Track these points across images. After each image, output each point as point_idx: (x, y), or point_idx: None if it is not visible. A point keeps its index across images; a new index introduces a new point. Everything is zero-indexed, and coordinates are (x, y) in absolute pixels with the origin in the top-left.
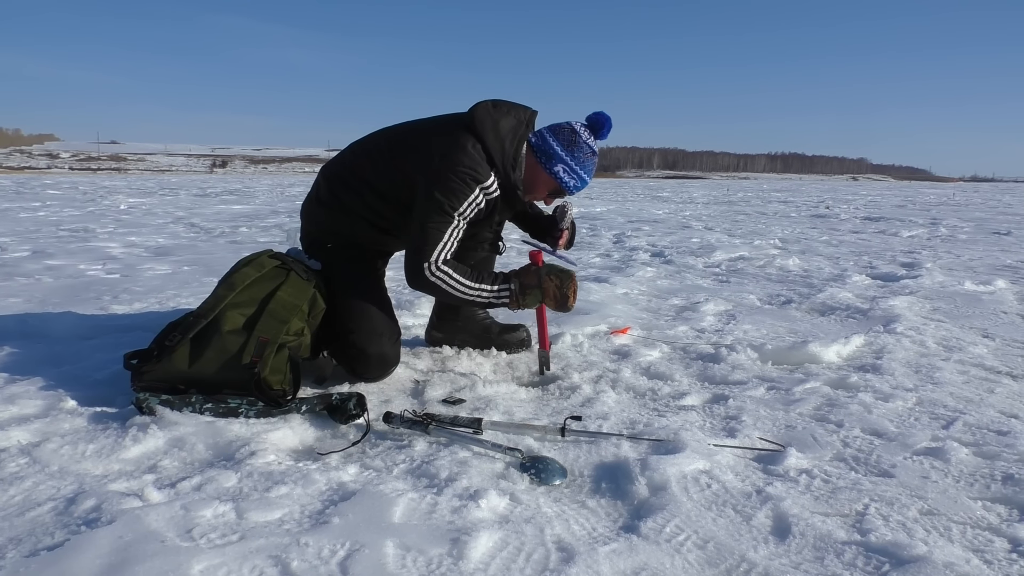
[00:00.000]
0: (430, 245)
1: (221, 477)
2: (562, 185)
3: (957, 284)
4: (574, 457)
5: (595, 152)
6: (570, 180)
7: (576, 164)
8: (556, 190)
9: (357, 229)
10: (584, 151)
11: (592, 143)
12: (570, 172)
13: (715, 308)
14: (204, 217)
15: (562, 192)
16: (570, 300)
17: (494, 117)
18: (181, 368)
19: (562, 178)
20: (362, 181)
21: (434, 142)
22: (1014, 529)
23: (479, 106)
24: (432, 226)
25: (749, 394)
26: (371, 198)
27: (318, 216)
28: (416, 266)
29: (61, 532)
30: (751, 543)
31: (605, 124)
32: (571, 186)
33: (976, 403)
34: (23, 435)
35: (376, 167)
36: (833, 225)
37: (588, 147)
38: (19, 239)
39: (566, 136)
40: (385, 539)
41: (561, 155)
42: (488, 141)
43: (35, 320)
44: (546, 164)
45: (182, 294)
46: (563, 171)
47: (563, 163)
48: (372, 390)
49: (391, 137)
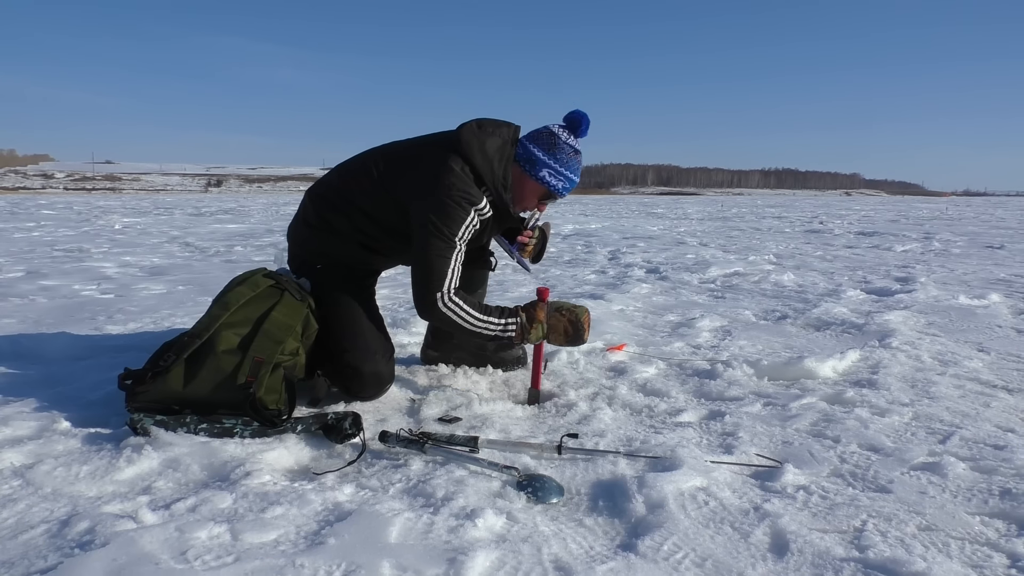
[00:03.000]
0: (437, 276)
1: (216, 498)
2: (550, 189)
3: (951, 298)
4: (571, 475)
5: (577, 150)
6: (558, 182)
7: (561, 166)
8: (545, 194)
9: (346, 249)
10: (566, 151)
11: (573, 142)
12: (556, 174)
13: (711, 324)
14: (199, 236)
15: (552, 195)
16: (584, 332)
17: (480, 138)
18: (176, 388)
19: (549, 182)
20: (349, 202)
21: (423, 165)
22: (1012, 544)
23: (464, 128)
24: (435, 255)
25: (745, 410)
26: (359, 218)
27: (306, 238)
28: (428, 298)
29: (54, 555)
30: (749, 560)
31: (582, 121)
32: (559, 188)
33: (972, 417)
34: (16, 457)
35: (363, 188)
36: (827, 240)
37: (569, 147)
38: (13, 259)
39: (545, 140)
40: (381, 559)
41: (544, 160)
42: (476, 163)
43: (29, 341)
44: (531, 172)
45: (177, 314)
46: (549, 175)
47: (547, 167)
48: (368, 409)
49: (378, 158)
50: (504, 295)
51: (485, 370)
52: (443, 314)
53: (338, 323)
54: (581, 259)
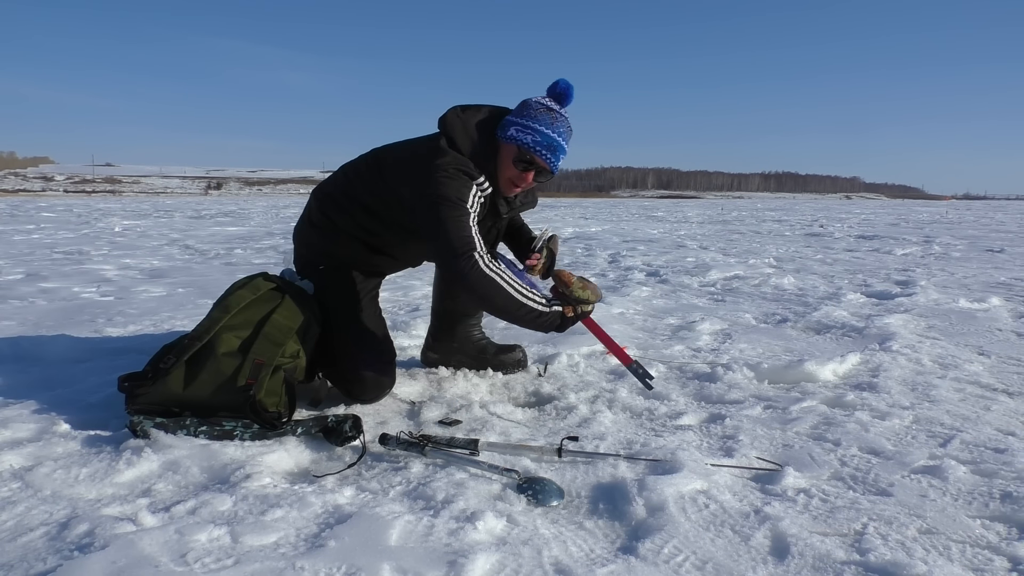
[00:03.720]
0: (465, 241)
1: (216, 500)
2: (521, 144)
3: (952, 302)
4: (571, 478)
5: (551, 109)
6: (526, 136)
7: (529, 120)
8: (520, 157)
9: (350, 249)
10: (535, 108)
11: (547, 102)
12: (523, 128)
13: (711, 327)
14: (199, 239)
15: (528, 156)
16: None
17: (463, 119)
18: (176, 391)
19: (517, 137)
20: (353, 200)
21: (416, 155)
22: (1014, 547)
23: (448, 112)
24: (453, 223)
25: (746, 413)
26: (362, 216)
27: (310, 238)
28: (464, 263)
29: (54, 557)
30: (750, 563)
31: (565, 89)
32: (529, 142)
33: (973, 421)
34: (15, 459)
35: (366, 185)
36: (827, 244)
37: (540, 105)
38: (13, 262)
39: (519, 106)
40: (382, 562)
41: (510, 119)
42: (459, 141)
43: (29, 343)
44: (502, 135)
45: (177, 316)
46: (516, 131)
47: (514, 125)
48: (368, 411)
49: (379, 155)
50: None
51: (485, 373)
52: (488, 277)
53: (339, 326)
54: (581, 262)
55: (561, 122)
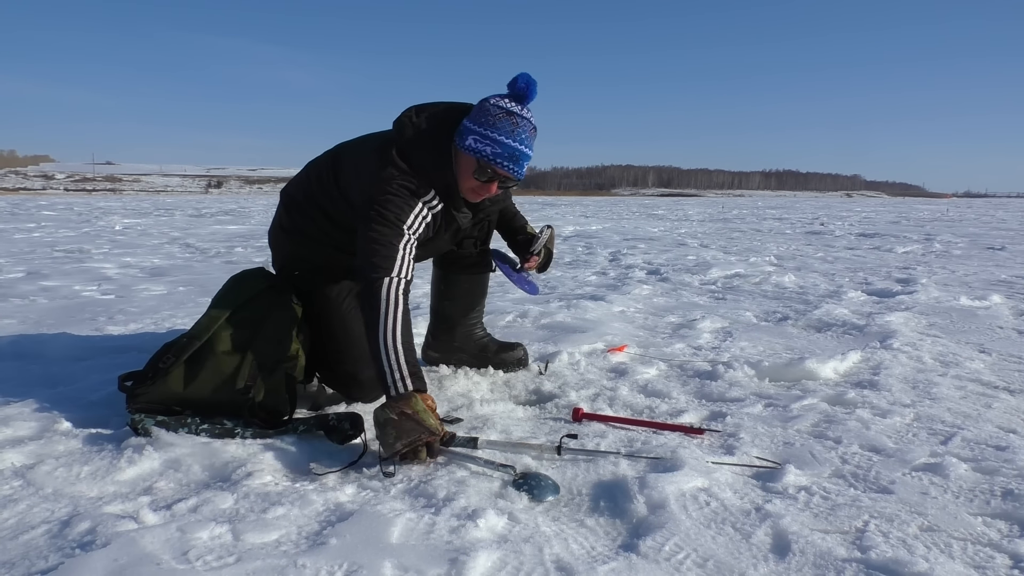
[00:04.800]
0: (385, 259)
1: (217, 498)
2: (480, 157)
3: (953, 299)
4: (572, 476)
5: (511, 113)
6: (484, 146)
7: (488, 128)
8: (481, 168)
9: (322, 253)
10: (493, 113)
11: (506, 104)
12: (481, 139)
13: (711, 325)
14: (199, 237)
15: (489, 168)
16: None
17: (416, 124)
18: (176, 390)
19: (476, 148)
20: (313, 205)
21: (364, 160)
22: (1015, 545)
23: (402, 115)
24: (381, 240)
25: (747, 411)
26: (324, 222)
27: (282, 243)
28: (375, 278)
29: (55, 555)
30: (751, 561)
31: (525, 88)
32: (488, 154)
33: (974, 418)
34: (17, 457)
35: (324, 191)
36: (828, 242)
37: (499, 108)
38: (14, 260)
39: (476, 108)
40: (383, 560)
41: (468, 127)
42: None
43: (29, 341)
44: (460, 144)
45: (177, 315)
46: (474, 141)
47: (472, 134)
48: (368, 410)
49: (338, 155)
50: (505, 296)
51: (486, 371)
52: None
53: (330, 330)
54: (582, 260)
55: (523, 127)
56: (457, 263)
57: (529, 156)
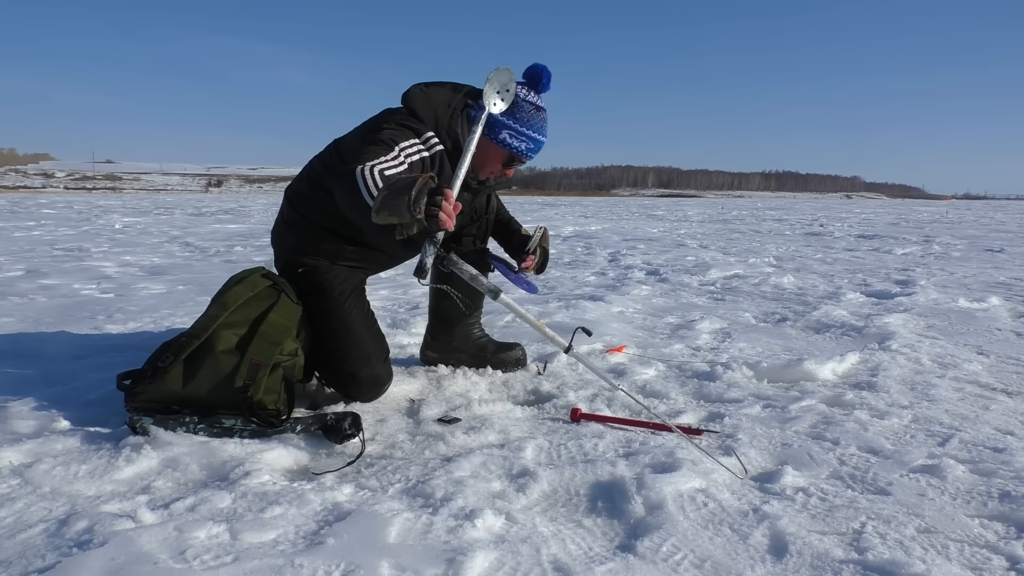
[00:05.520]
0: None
1: (215, 498)
2: (513, 152)
3: (951, 301)
4: (570, 476)
5: (539, 107)
6: (520, 144)
7: (522, 126)
8: (509, 158)
9: (326, 243)
10: (526, 110)
11: (533, 99)
12: (517, 135)
13: (710, 326)
14: (199, 236)
15: (517, 159)
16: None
17: (425, 93)
18: (175, 389)
19: (511, 144)
20: (318, 188)
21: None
22: (1012, 547)
23: (411, 88)
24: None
25: (745, 412)
26: (329, 204)
27: (286, 237)
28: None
29: (53, 554)
30: (748, 562)
31: (542, 74)
32: (523, 150)
33: (972, 420)
34: (15, 456)
35: (328, 169)
36: (827, 243)
37: (529, 104)
38: (13, 258)
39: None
40: (380, 560)
41: (503, 121)
42: (419, 110)
43: (28, 340)
44: (491, 135)
45: (176, 313)
46: (509, 136)
47: (507, 129)
48: (367, 409)
49: (339, 141)
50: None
51: (484, 371)
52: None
53: (329, 328)
54: (581, 261)
55: (545, 121)
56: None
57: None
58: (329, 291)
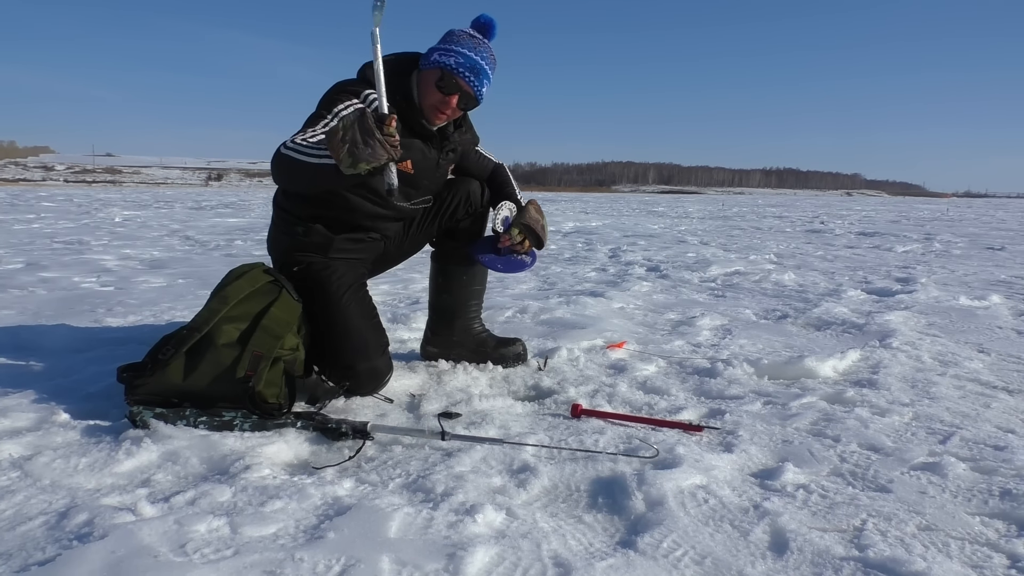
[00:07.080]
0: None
1: (215, 491)
2: (444, 67)
3: (952, 299)
4: (570, 472)
5: (474, 36)
6: (448, 59)
7: (452, 44)
8: (444, 78)
9: (315, 238)
10: (458, 35)
11: (468, 30)
12: (446, 52)
13: (711, 323)
14: (199, 230)
15: (450, 78)
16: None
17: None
18: (175, 381)
19: (439, 60)
20: None
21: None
22: (1012, 545)
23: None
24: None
25: (745, 409)
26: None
27: (278, 241)
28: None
29: (53, 547)
30: (748, 558)
31: (487, 22)
32: (451, 64)
33: (973, 418)
34: (15, 448)
35: None
36: (828, 240)
37: (463, 32)
38: (13, 251)
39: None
40: (381, 554)
41: (434, 47)
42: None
43: (28, 332)
44: (424, 63)
45: (176, 307)
46: (439, 55)
47: (436, 50)
48: (367, 404)
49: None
50: (504, 291)
51: (485, 366)
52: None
53: (328, 323)
54: (581, 256)
55: (484, 48)
56: (454, 255)
57: (489, 76)
58: (327, 286)
